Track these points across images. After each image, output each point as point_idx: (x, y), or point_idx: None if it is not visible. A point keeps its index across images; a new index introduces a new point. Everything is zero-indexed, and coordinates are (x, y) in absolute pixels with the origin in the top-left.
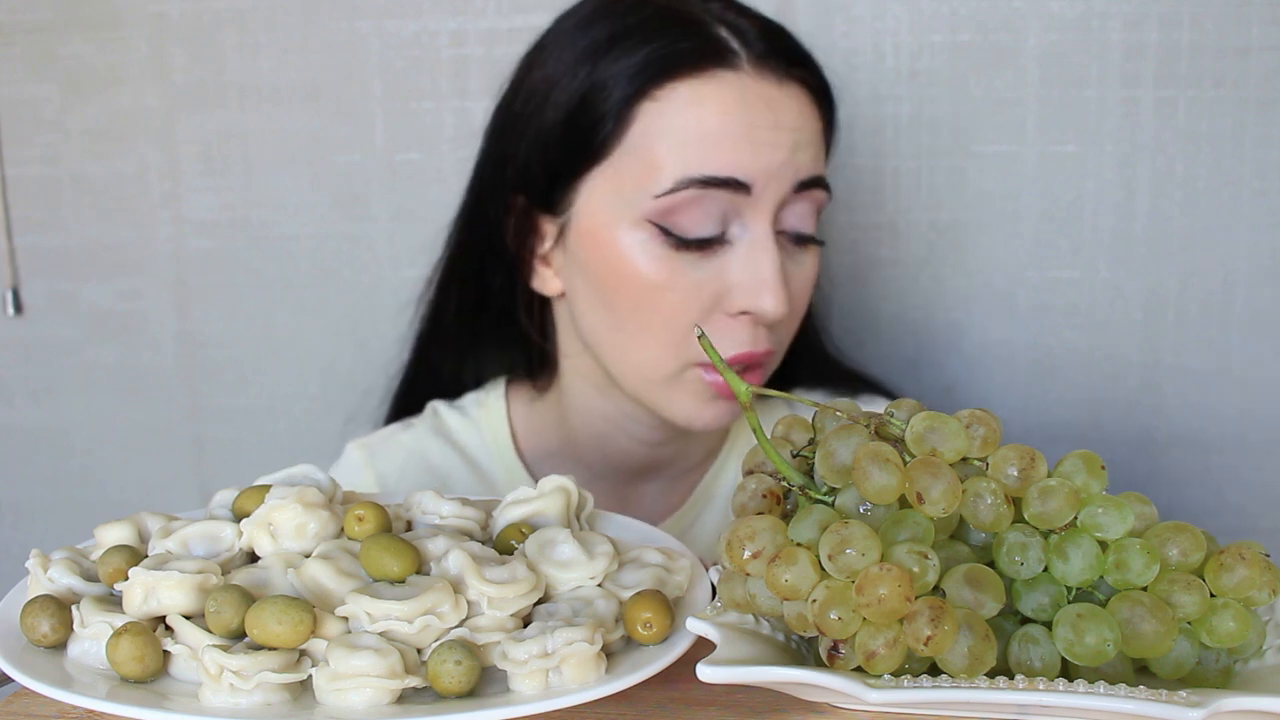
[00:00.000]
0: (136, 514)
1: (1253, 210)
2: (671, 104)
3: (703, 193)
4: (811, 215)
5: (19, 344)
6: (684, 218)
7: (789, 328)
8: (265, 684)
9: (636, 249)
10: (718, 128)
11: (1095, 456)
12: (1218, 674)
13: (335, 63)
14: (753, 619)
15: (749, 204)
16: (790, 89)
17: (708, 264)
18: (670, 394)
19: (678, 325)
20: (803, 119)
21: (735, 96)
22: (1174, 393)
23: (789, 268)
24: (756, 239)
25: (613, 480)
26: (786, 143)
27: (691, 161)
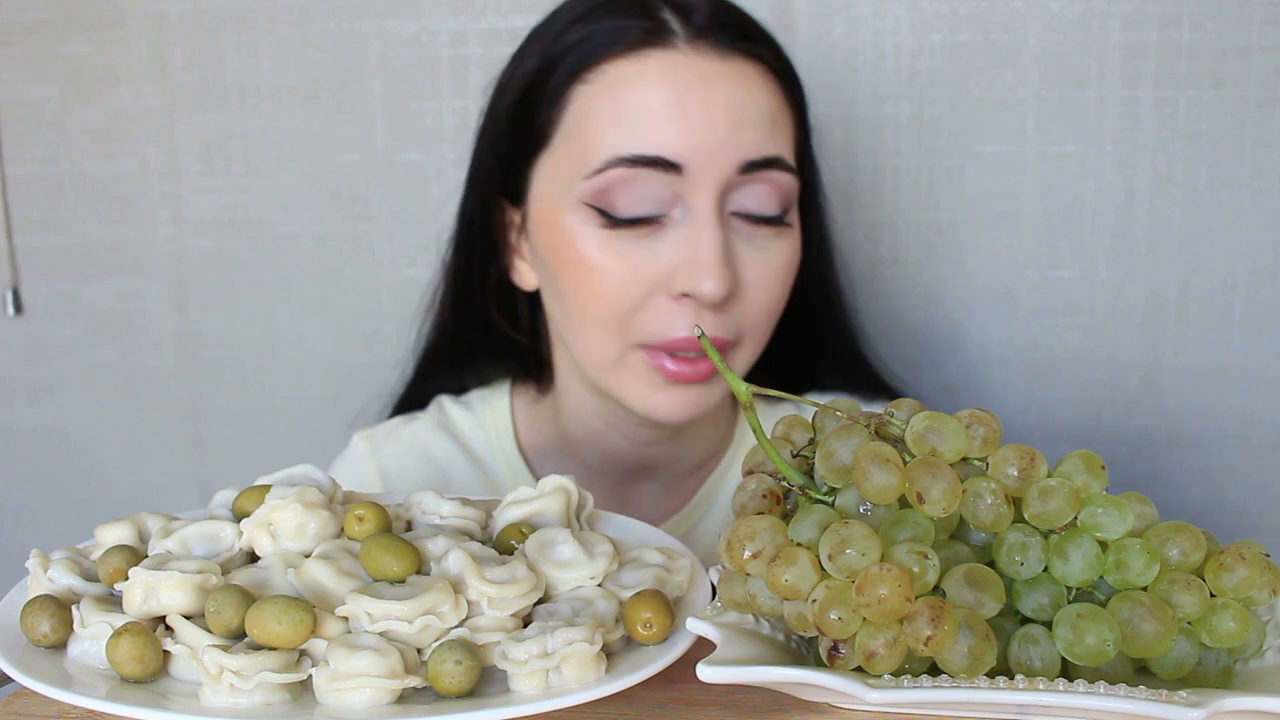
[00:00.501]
0: (136, 514)
1: (1253, 210)
2: (603, 85)
3: (633, 172)
4: (772, 198)
5: (19, 344)
6: (618, 198)
7: (755, 315)
8: (265, 684)
9: (577, 231)
10: (648, 107)
11: (1095, 456)
12: (1218, 674)
13: (335, 63)
14: (753, 619)
15: (686, 184)
16: (735, 65)
17: (647, 245)
18: (621, 379)
19: (618, 307)
20: (748, 96)
21: (667, 74)
22: (1174, 393)
23: (744, 251)
24: (696, 220)
25: (612, 479)
26: (724, 121)
27: (621, 141)
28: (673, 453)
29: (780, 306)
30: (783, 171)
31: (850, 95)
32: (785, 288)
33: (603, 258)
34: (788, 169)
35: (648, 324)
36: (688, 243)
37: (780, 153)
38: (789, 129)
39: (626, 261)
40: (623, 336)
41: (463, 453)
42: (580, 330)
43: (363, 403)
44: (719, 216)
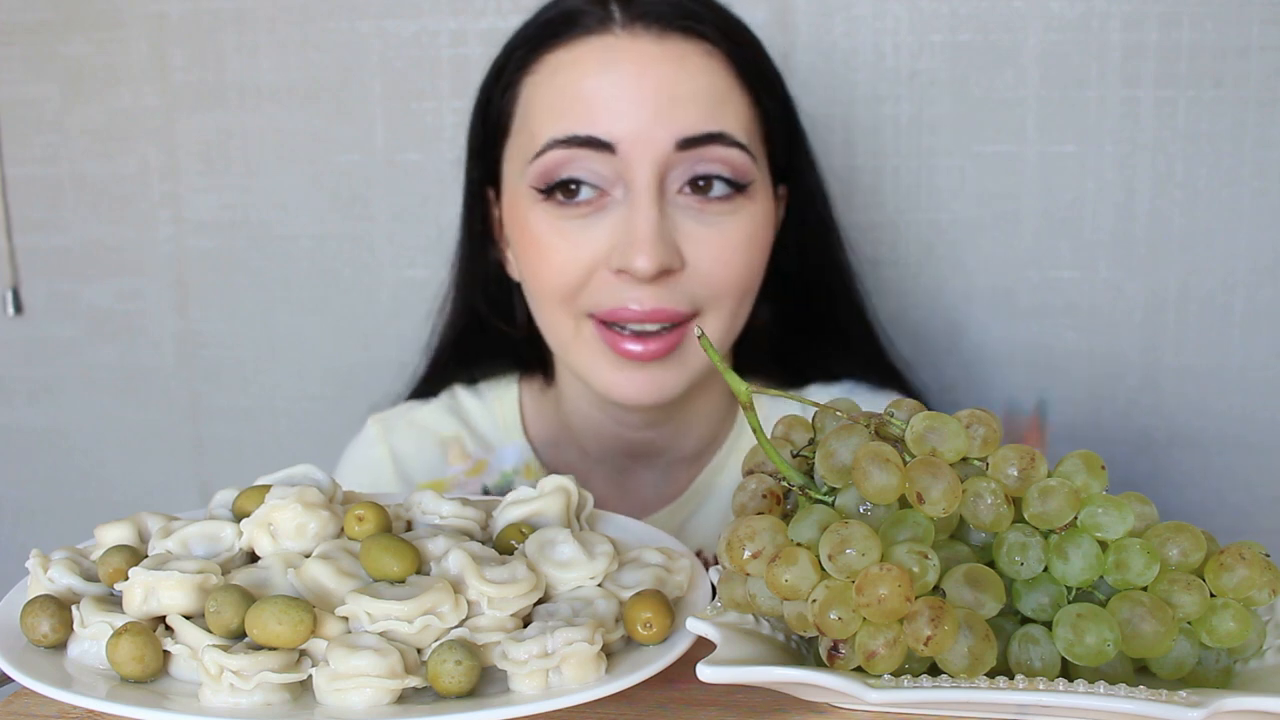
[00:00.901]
0: (136, 514)
1: (1253, 210)
2: (544, 74)
3: (569, 153)
4: (721, 173)
5: (19, 344)
6: (559, 179)
7: (714, 288)
8: (265, 684)
9: (529, 213)
10: (581, 90)
11: (1095, 456)
12: (1218, 674)
13: (335, 63)
14: (753, 619)
15: (623, 164)
16: (673, 45)
17: (590, 224)
18: (581, 357)
19: (563, 282)
20: (685, 74)
21: (601, 58)
22: (1174, 393)
23: (692, 227)
24: (633, 198)
25: (611, 467)
26: (656, 99)
27: (558, 124)
28: (669, 440)
29: (747, 280)
30: (729, 147)
31: (850, 95)
32: (748, 262)
33: (549, 237)
34: (735, 144)
35: (593, 295)
36: (624, 220)
37: (724, 129)
38: (740, 106)
39: (569, 240)
40: (573, 310)
41: (473, 438)
42: (540, 309)
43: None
44: (656, 194)
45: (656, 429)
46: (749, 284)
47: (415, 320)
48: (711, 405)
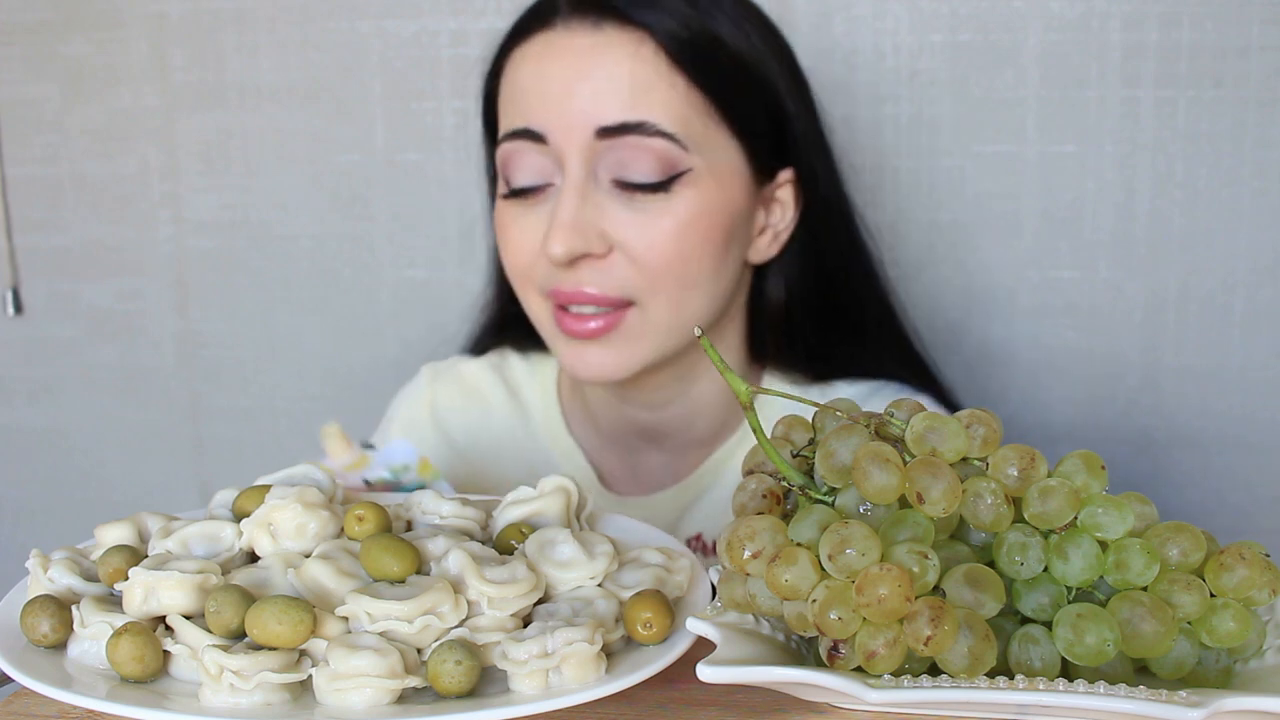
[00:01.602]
0: (136, 514)
1: (1253, 210)
2: (508, 72)
3: (515, 145)
4: (644, 162)
5: (19, 344)
6: (511, 170)
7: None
8: (265, 684)
9: (497, 203)
10: (523, 85)
11: (1095, 456)
12: (1218, 674)
13: (335, 63)
14: (753, 619)
15: (556, 154)
16: (608, 35)
17: (534, 211)
18: (545, 333)
19: (520, 266)
20: (611, 63)
21: (541, 53)
22: (1174, 393)
23: (621, 214)
24: (562, 186)
25: (623, 446)
26: (581, 90)
27: (508, 119)
28: (677, 424)
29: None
30: (653, 136)
31: (850, 95)
32: (683, 249)
33: (503, 222)
34: (660, 134)
35: (541, 275)
36: (553, 208)
37: (646, 118)
38: (670, 94)
39: (518, 226)
40: (536, 289)
41: (510, 396)
42: (517, 293)
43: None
44: (582, 182)
45: (659, 411)
46: (688, 271)
47: (415, 320)
48: (719, 392)
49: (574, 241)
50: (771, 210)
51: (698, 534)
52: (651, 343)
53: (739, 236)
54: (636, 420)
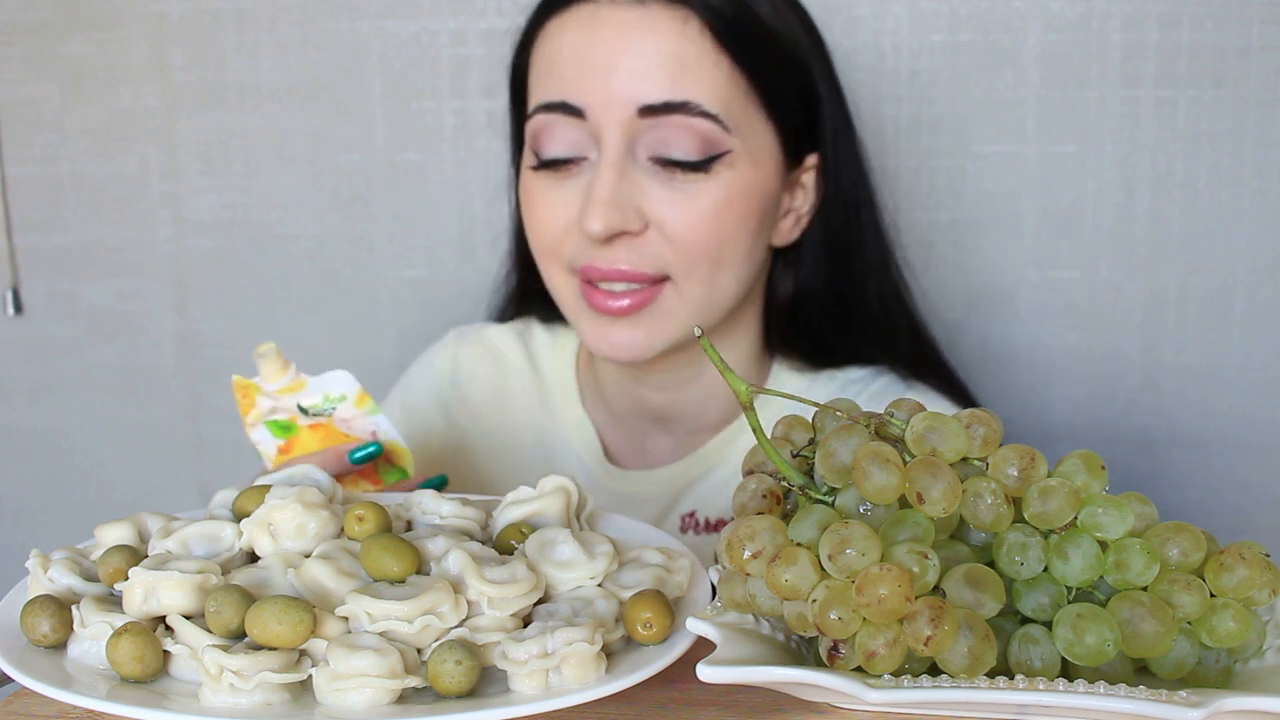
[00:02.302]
0: (136, 514)
1: (1253, 210)
2: (542, 42)
3: (549, 118)
4: (686, 141)
5: (19, 344)
6: (542, 142)
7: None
8: (265, 684)
9: (524, 175)
10: (563, 56)
11: (1095, 456)
12: (1218, 674)
13: (335, 63)
14: (753, 619)
15: (594, 129)
16: (652, 11)
17: (565, 185)
18: (569, 309)
19: (545, 240)
20: (657, 40)
21: (583, 25)
22: (1174, 393)
23: (658, 191)
24: (599, 161)
25: (631, 426)
26: (624, 66)
27: (542, 89)
28: (687, 408)
29: (719, 248)
30: (696, 116)
31: (850, 95)
32: (719, 230)
33: (532, 195)
34: (703, 114)
35: (571, 251)
36: (589, 182)
37: (690, 98)
38: (713, 74)
39: (548, 198)
40: (562, 265)
41: (529, 364)
42: (538, 263)
43: None
44: (620, 159)
45: (671, 393)
46: (723, 252)
47: (415, 320)
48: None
49: (612, 218)
50: (795, 194)
51: (692, 511)
52: (680, 321)
53: (769, 219)
54: (648, 402)
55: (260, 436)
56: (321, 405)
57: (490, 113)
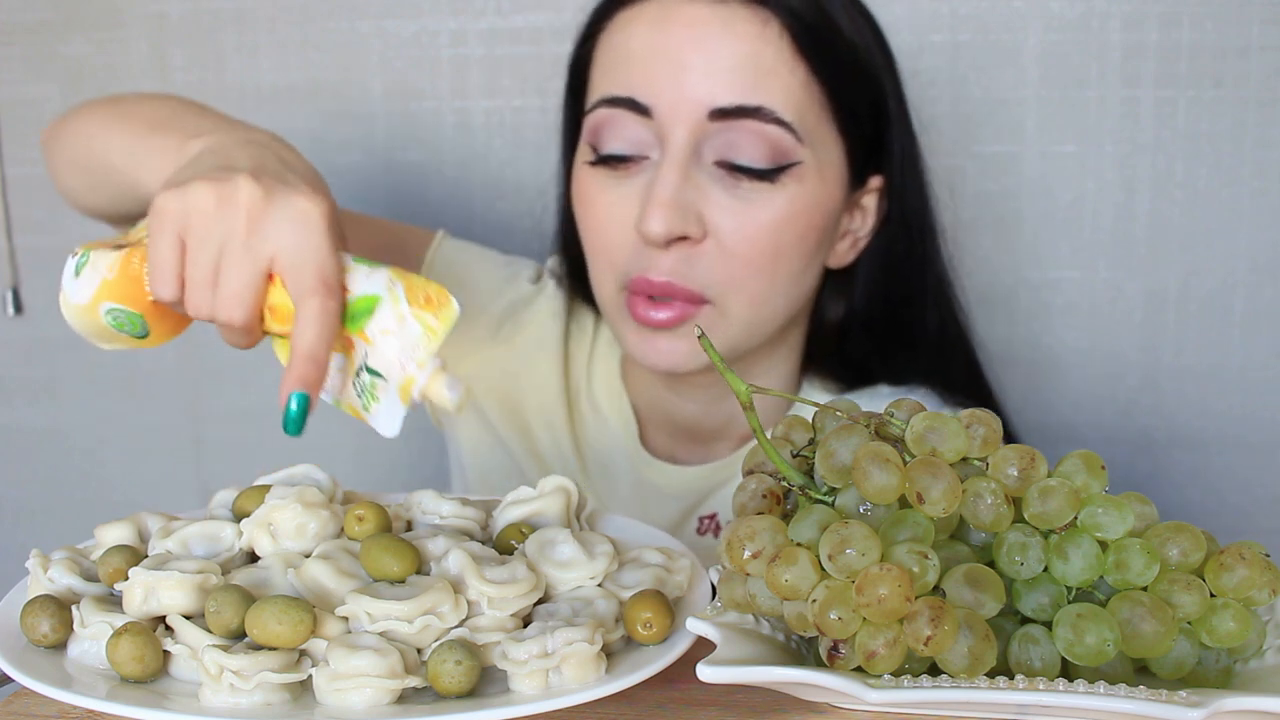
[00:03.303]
0: (136, 514)
1: (1253, 210)
2: (609, 34)
3: (612, 113)
4: (756, 149)
5: (19, 344)
6: (603, 137)
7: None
8: (265, 684)
9: (579, 168)
10: (632, 50)
11: (1095, 456)
12: (1218, 674)
13: (335, 63)
14: (753, 619)
15: (660, 127)
16: (732, 10)
17: (624, 184)
18: (612, 317)
19: (604, 241)
20: (734, 41)
21: (656, 19)
22: (1174, 392)
23: (721, 198)
24: (664, 161)
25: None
26: (698, 66)
27: (607, 83)
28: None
29: (775, 264)
30: (769, 123)
31: None
32: (778, 244)
33: (589, 191)
34: (777, 121)
35: (625, 259)
36: (650, 183)
37: (764, 103)
38: (789, 80)
39: (605, 197)
40: (614, 270)
41: (597, 327)
42: (589, 264)
43: None
44: (685, 160)
45: (707, 406)
46: (777, 269)
47: None
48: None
49: (673, 220)
50: (854, 216)
51: (713, 514)
52: (725, 339)
53: (827, 240)
54: (681, 412)
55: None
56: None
57: (490, 112)
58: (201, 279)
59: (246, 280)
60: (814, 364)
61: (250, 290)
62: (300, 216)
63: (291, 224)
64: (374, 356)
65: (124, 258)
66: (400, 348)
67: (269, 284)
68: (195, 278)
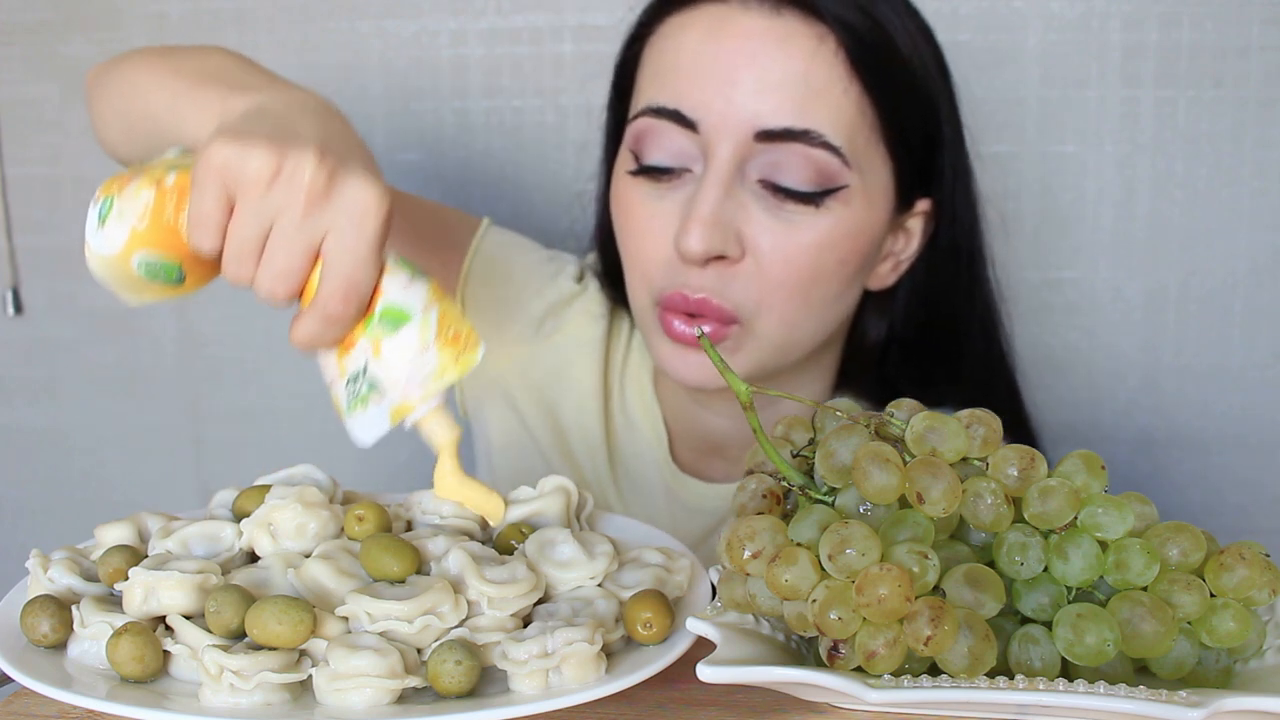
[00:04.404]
0: (136, 514)
1: (1253, 210)
2: (659, 38)
3: (656, 123)
4: (802, 171)
5: (19, 344)
6: (645, 146)
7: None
8: (265, 684)
9: (620, 175)
10: (680, 60)
11: (1095, 456)
12: (1218, 674)
13: (335, 63)
14: (753, 619)
15: (705, 142)
16: (787, 24)
17: (664, 196)
18: (651, 336)
19: (642, 254)
20: (785, 58)
21: (709, 28)
22: (1174, 392)
23: (763, 219)
24: (706, 177)
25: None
26: (751, 83)
27: (652, 91)
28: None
29: (811, 287)
30: (813, 146)
31: None
32: (818, 268)
33: (629, 201)
34: (823, 145)
35: (662, 275)
36: (690, 198)
37: (813, 126)
38: (842, 102)
39: (645, 209)
40: (649, 286)
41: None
42: (626, 273)
43: None
44: (728, 177)
45: (733, 422)
46: (813, 292)
47: None
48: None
49: (713, 238)
50: (898, 238)
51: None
52: (752, 358)
53: (869, 264)
54: (709, 427)
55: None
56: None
57: (490, 112)
58: (247, 247)
59: (295, 261)
60: (850, 383)
61: (296, 272)
62: (359, 210)
63: (349, 216)
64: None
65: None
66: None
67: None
68: (239, 244)
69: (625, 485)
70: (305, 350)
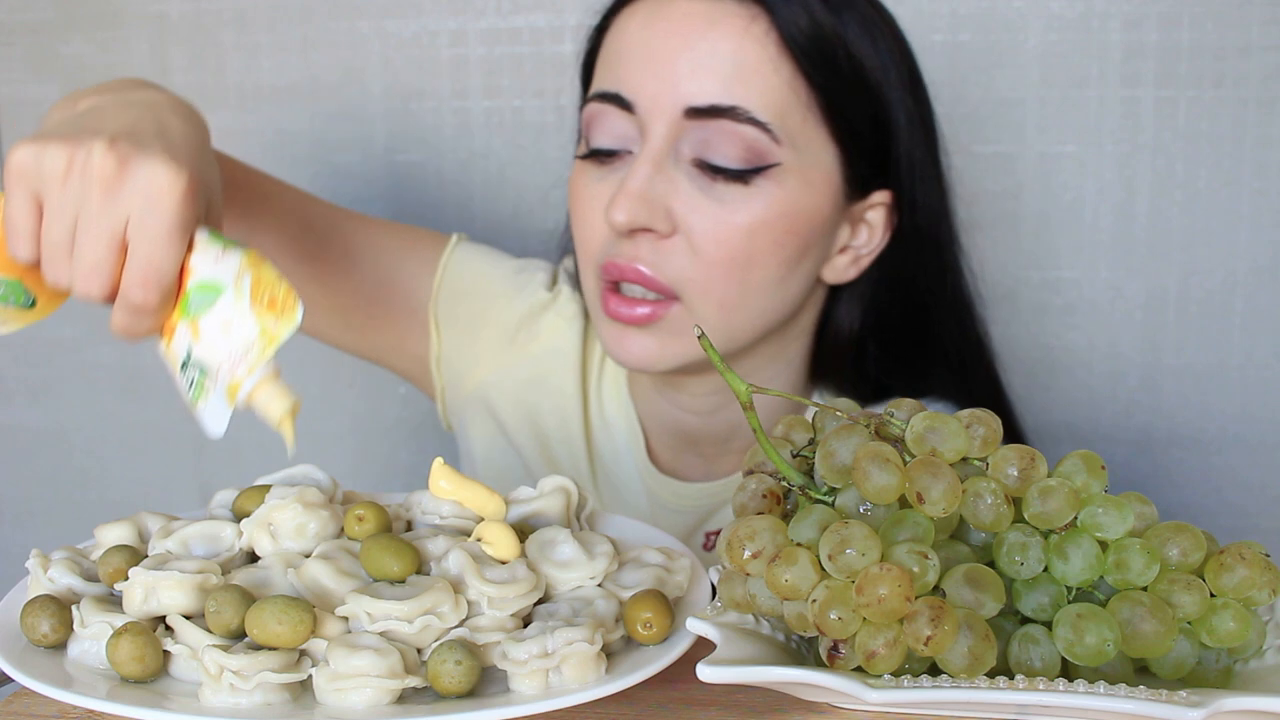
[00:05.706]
0: (136, 514)
1: (1253, 210)
2: (611, 32)
3: (601, 107)
4: (731, 148)
5: (19, 344)
6: (592, 131)
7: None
8: (265, 684)
9: (574, 161)
10: (624, 46)
11: (1095, 456)
12: (1218, 674)
13: (335, 63)
14: (753, 619)
15: (641, 123)
16: (723, 9)
17: (604, 176)
18: (598, 323)
19: (585, 232)
20: (718, 39)
21: (648, 16)
22: (1174, 392)
23: (696, 198)
24: (637, 155)
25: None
26: (682, 64)
27: (600, 79)
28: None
29: (745, 268)
30: (744, 124)
31: None
32: (751, 248)
33: (576, 184)
34: (752, 122)
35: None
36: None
37: (739, 103)
38: (773, 81)
39: (589, 190)
40: (591, 265)
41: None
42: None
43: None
44: (659, 154)
45: (705, 417)
46: (750, 274)
47: None
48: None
49: (638, 211)
50: (858, 230)
51: (718, 530)
52: (695, 349)
53: (815, 250)
54: (681, 423)
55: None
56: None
57: (490, 112)
58: (59, 249)
59: (100, 253)
60: (826, 378)
61: (104, 264)
62: (153, 191)
63: (144, 198)
64: (200, 350)
65: None
66: (231, 348)
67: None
68: (51, 246)
69: (606, 490)
70: (128, 341)
